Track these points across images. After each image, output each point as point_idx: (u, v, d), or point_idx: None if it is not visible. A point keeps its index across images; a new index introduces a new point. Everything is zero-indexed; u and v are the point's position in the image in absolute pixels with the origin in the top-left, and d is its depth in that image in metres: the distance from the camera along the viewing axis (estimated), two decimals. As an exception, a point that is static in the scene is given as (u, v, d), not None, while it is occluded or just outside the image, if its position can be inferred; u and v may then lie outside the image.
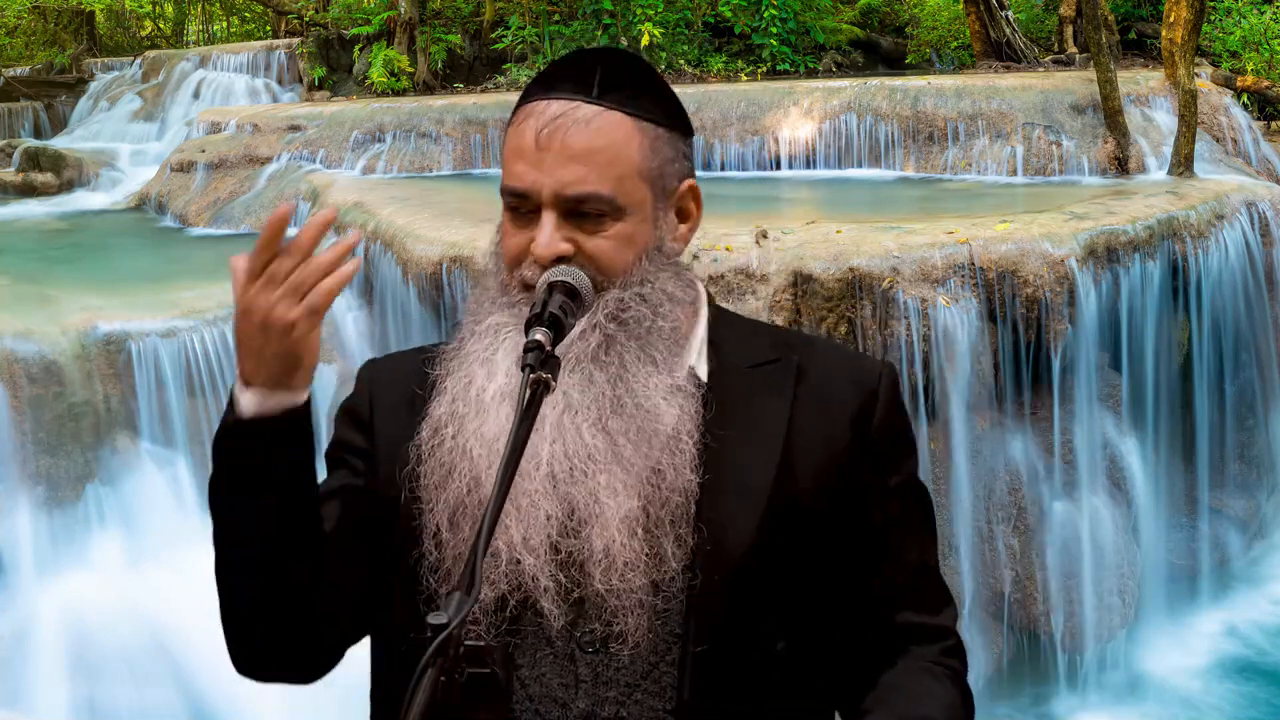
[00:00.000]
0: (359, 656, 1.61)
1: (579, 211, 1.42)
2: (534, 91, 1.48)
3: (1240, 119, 7.64)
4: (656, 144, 1.47)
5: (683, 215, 1.52)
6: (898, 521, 1.51)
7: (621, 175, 1.43)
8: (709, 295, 1.58)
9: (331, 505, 1.51)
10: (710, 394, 1.47)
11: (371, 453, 1.56)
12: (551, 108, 1.44)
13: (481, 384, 1.43)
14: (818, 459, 1.47)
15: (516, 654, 1.42)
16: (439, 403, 1.47)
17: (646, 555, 1.39)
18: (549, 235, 1.42)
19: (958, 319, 4.82)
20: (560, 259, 1.42)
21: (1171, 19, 7.02)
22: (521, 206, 1.44)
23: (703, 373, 1.49)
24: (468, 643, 1.19)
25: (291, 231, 1.36)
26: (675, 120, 1.51)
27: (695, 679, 1.40)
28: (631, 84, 1.47)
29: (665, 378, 1.44)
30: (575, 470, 1.40)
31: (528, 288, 1.44)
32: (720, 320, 1.55)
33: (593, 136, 1.42)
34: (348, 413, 1.61)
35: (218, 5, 19.98)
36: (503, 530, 1.39)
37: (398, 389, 1.57)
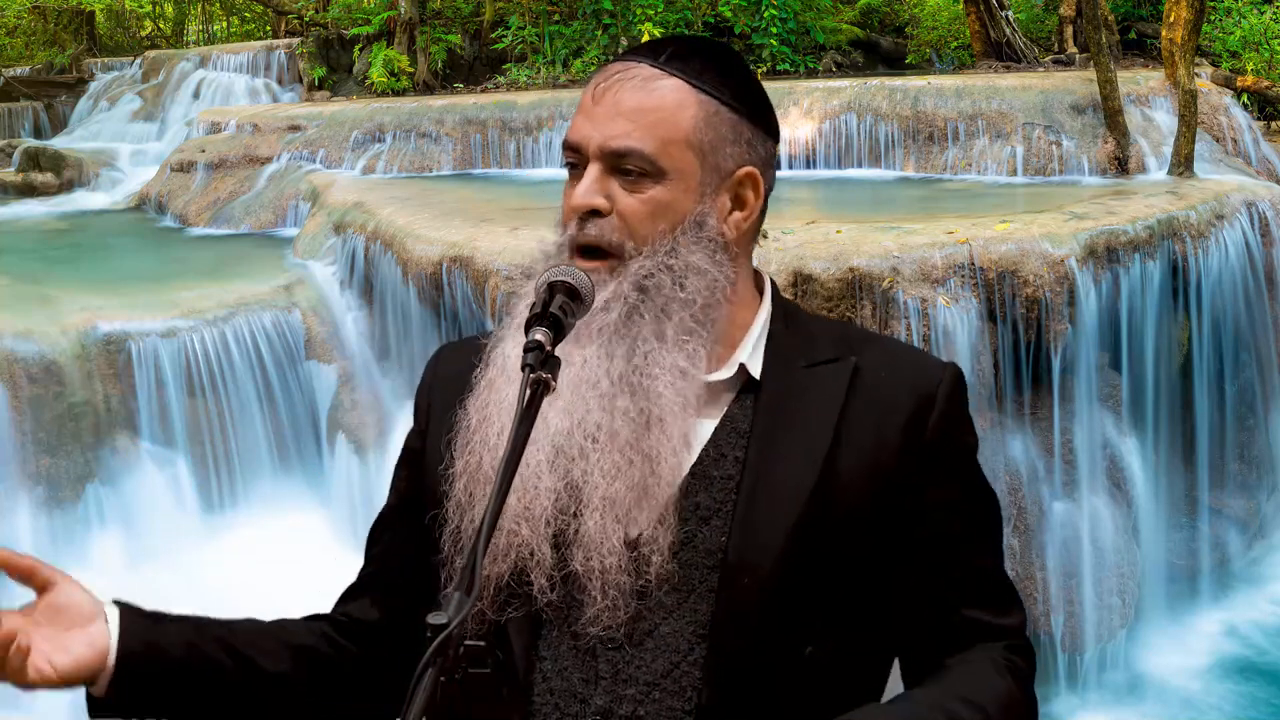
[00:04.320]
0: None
1: (622, 169, 1.43)
2: (610, 61, 1.52)
3: (1240, 119, 7.63)
4: (715, 120, 1.46)
5: (739, 202, 1.49)
6: (954, 527, 1.47)
7: (667, 139, 1.43)
8: (776, 291, 1.56)
9: (400, 527, 1.58)
10: (761, 391, 1.46)
11: (423, 450, 1.58)
12: (615, 67, 1.47)
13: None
14: (865, 464, 1.43)
15: (539, 648, 1.42)
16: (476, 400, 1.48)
17: (625, 541, 1.38)
18: (587, 185, 1.43)
19: (958, 319, 4.82)
20: (595, 212, 1.43)
21: (1171, 19, 7.02)
22: (576, 161, 1.46)
23: (755, 369, 1.47)
24: (468, 643, 1.19)
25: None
26: (747, 106, 1.48)
27: (716, 680, 1.38)
28: (703, 59, 1.47)
29: (677, 357, 1.42)
30: (580, 447, 1.40)
31: (570, 250, 1.45)
32: (784, 316, 1.53)
33: (644, 96, 1.44)
34: (415, 405, 1.65)
35: (218, 5, 19.98)
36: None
37: (460, 381, 1.56)
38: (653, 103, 1.44)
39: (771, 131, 1.52)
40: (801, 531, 1.40)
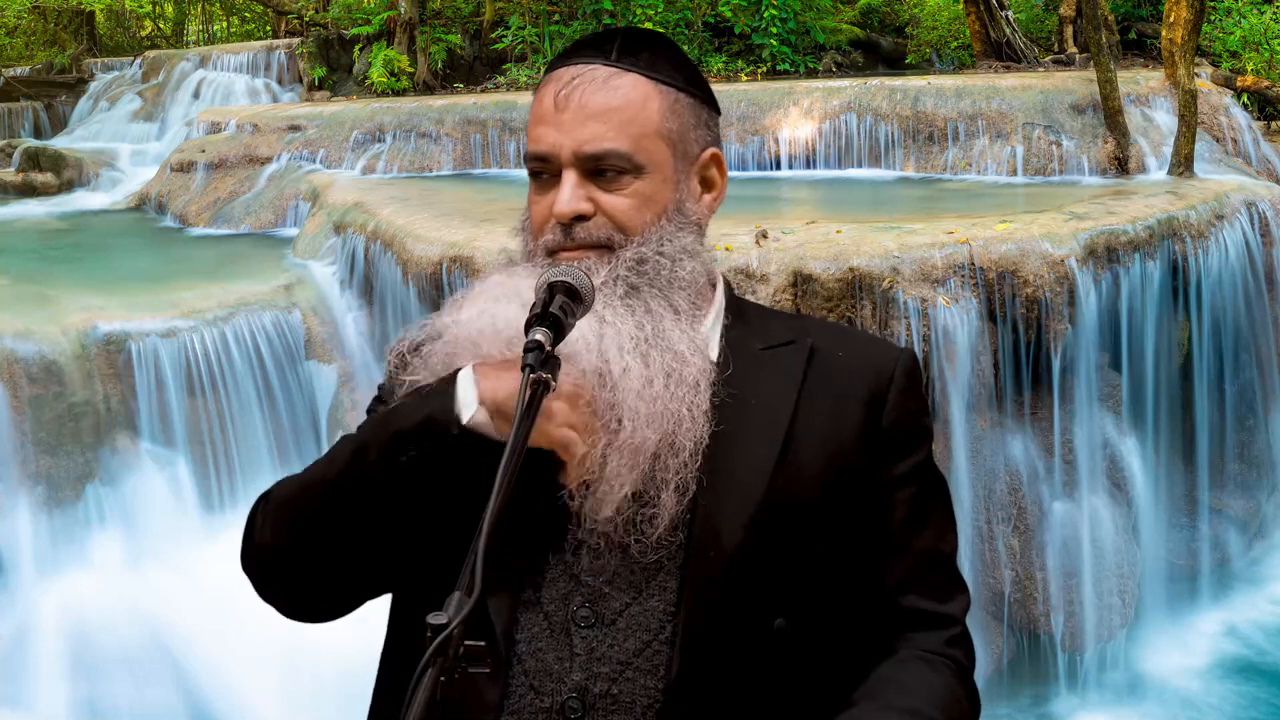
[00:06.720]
0: (355, 651, 1.61)
1: (599, 170, 1.45)
2: (556, 64, 1.51)
3: (1240, 119, 7.63)
4: (676, 107, 1.49)
5: (707, 184, 1.54)
6: (909, 508, 1.50)
7: (640, 134, 1.46)
8: (726, 281, 1.59)
9: None
10: (718, 374, 1.47)
11: None
12: (569, 72, 1.47)
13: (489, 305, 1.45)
14: (824, 444, 1.47)
15: (514, 630, 1.43)
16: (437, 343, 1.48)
17: (644, 492, 1.40)
18: (569, 193, 1.44)
19: (958, 319, 4.82)
20: (580, 217, 1.44)
21: (1171, 19, 7.02)
22: (544, 171, 1.47)
23: (713, 353, 1.49)
24: (468, 643, 1.19)
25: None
26: (697, 89, 1.53)
27: (687, 656, 1.40)
28: (650, 50, 1.50)
29: (689, 328, 1.45)
30: (619, 374, 1.40)
31: (551, 253, 1.46)
32: (736, 305, 1.56)
33: (609, 95, 1.45)
34: (382, 391, 1.63)
35: (218, 5, 19.98)
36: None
37: None
38: (619, 100, 1.45)
39: (716, 111, 1.57)
40: (762, 509, 1.42)
